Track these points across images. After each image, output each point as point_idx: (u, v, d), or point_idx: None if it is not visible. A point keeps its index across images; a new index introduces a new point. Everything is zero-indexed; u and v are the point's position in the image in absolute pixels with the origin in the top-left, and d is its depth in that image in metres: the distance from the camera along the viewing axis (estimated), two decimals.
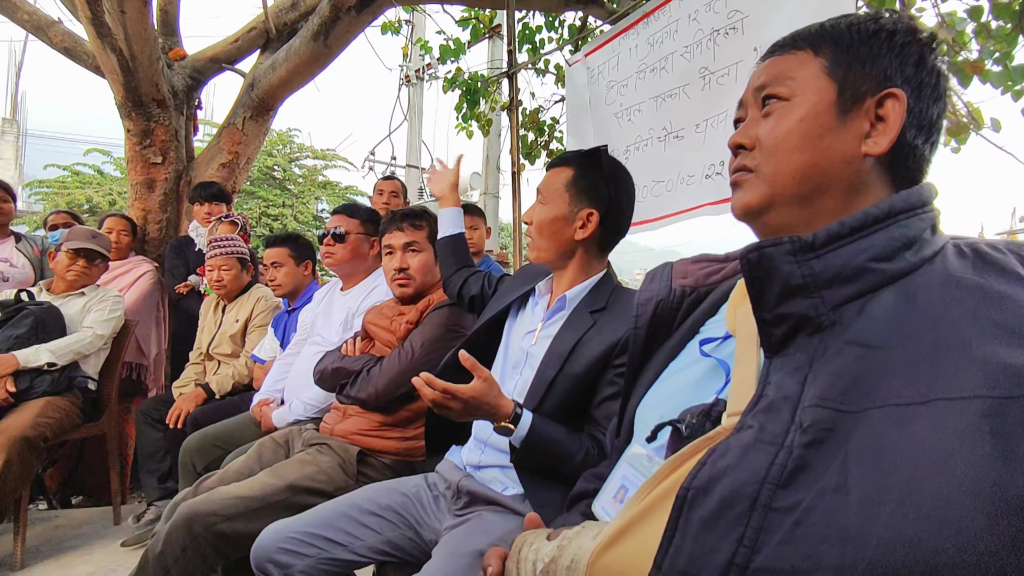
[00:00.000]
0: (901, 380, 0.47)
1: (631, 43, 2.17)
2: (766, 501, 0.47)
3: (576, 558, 0.58)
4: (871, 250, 0.55)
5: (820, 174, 0.63)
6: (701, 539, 0.49)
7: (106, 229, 3.15)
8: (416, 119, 11.06)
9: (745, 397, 0.56)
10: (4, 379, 2.28)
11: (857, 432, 0.47)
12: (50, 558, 2.35)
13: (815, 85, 0.65)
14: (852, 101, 0.63)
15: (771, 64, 0.70)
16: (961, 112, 2.82)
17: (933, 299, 0.51)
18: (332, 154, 17.07)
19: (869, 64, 0.63)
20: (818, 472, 0.47)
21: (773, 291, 0.56)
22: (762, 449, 0.50)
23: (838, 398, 0.49)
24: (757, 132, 0.68)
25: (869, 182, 0.63)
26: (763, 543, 0.46)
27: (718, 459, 0.51)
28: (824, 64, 0.65)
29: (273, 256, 2.52)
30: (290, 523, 1.31)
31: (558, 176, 1.32)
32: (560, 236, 1.30)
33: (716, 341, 0.71)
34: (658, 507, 0.55)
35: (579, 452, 1.17)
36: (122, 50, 3.09)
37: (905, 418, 0.45)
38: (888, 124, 0.62)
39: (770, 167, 0.66)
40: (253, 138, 3.82)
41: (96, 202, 13.48)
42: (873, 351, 0.50)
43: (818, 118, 0.64)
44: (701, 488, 0.50)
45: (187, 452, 2.07)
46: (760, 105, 0.70)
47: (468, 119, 4.43)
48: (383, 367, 1.63)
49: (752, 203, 0.68)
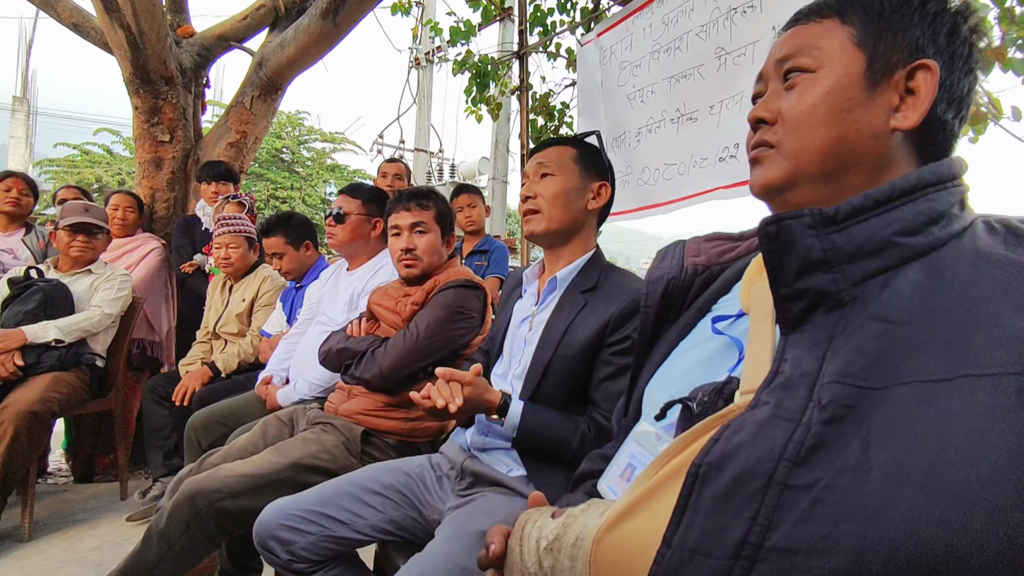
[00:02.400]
0: (927, 356, 0.46)
1: (645, 22, 2.13)
2: (782, 479, 0.46)
3: (581, 535, 0.56)
4: (896, 224, 0.53)
5: (846, 150, 0.61)
6: (713, 516, 0.47)
7: (112, 206, 3.15)
8: (425, 102, 10.99)
9: (759, 375, 0.54)
10: (12, 353, 2.30)
11: (880, 409, 0.45)
12: (57, 531, 2.38)
13: (843, 56, 0.62)
14: (882, 73, 0.60)
15: (795, 33, 0.67)
16: (981, 100, 2.75)
17: (962, 275, 0.49)
18: (341, 137, 17.06)
19: (900, 34, 0.60)
20: (837, 450, 0.45)
21: (792, 265, 0.54)
22: (778, 425, 0.48)
23: (860, 374, 0.47)
24: (779, 105, 0.65)
25: (896, 158, 0.60)
26: (778, 521, 0.45)
27: (732, 435, 0.50)
28: (853, 33, 0.62)
29: (271, 247, 2.51)
30: (293, 500, 1.31)
31: (563, 152, 1.33)
32: (574, 206, 1.31)
33: (729, 319, 0.69)
34: (668, 485, 0.53)
35: (574, 437, 1.17)
36: (130, 26, 3.06)
37: (932, 395, 0.44)
38: (919, 97, 0.59)
39: (793, 143, 0.63)
40: (261, 118, 3.80)
41: (105, 181, 13.56)
42: (897, 327, 0.49)
43: (846, 91, 0.61)
44: (714, 464, 0.49)
45: (192, 429, 2.08)
46: (782, 77, 0.66)
47: (477, 103, 4.37)
48: (388, 348, 1.61)
49: (773, 180, 0.65)
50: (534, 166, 1.35)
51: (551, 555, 0.58)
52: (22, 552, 2.19)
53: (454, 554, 1.10)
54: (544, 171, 1.32)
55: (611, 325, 1.20)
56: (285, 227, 2.54)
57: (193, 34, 3.77)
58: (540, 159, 1.34)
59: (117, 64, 3.35)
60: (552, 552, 0.58)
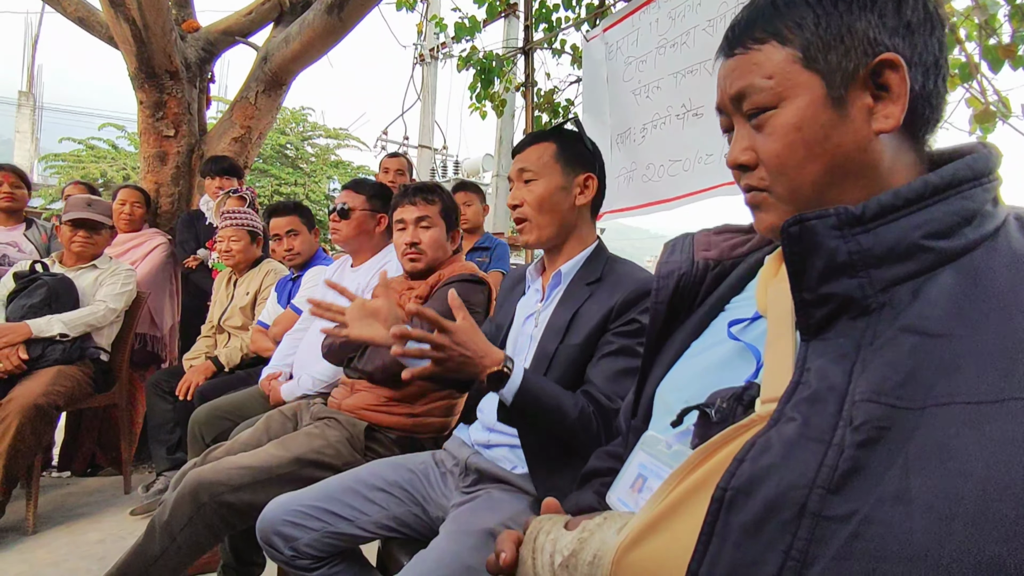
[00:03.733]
0: (969, 375, 0.42)
1: (651, 17, 2.11)
2: (816, 508, 0.43)
3: (599, 554, 0.54)
4: (928, 225, 0.49)
5: (839, 174, 0.58)
6: (744, 548, 0.44)
7: (120, 200, 3.15)
8: (429, 99, 10.99)
9: (781, 382, 0.51)
10: (17, 347, 2.30)
11: (919, 433, 0.42)
12: (61, 524, 2.38)
13: (798, 81, 0.57)
14: (845, 85, 0.56)
15: (738, 66, 0.62)
16: (991, 98, 2.72)
17: (999, 281, 0.46)
18: (345, 133, 17.07)
19: (847, 36, 0.56)
20: (875, 477, 0.42)
21: (815, 268, 0.51)
22: (808, 447, 0.45)
23: (894, 392, 0.44)
24: (754, 147, 0.62)
25: (891, 156, 0.57)
26: (815, 556, 0.42)
27: (759, 455, 0.46)
28: (796, 55, 0.58)
29: (288, 224, 2.51)
30: (296, 496, 1.31)
31: (542, 151, 1.30)
32: (561, 207, 1.29)
33: (745, 322, 0.66)
34: (689, 502, 0.50)
35: (574, 408, 1.13)
36: (135, 20, 3.06)
37: (977, 419, 0.40)
38: (894, 93, 0.55)
39: (784, 186, 0.60)
40: (266, 112, 3.79)
41: (110, 176, 13.60)
42: (932, 340, 0.45)
43: (815, 119, 0.57)
44: (741, 489, 0.45)
45: (196, 423, 2.08)
46: (745, 116, 0.63)
47: (482, 99, 4.37)
48: None
49: (778, 224, 0.62)
50: (516, 171, 1.32)
51: (567, 572, 0.55)
52: (26, 545, 2.20)
53: (458, 552, 1.09)
54: (526, 176, 1.30)
55: (615, 311, 1.19)
56: (300, 210, 2.57)
57: (198, 29, 3.76)
58: (521, 163, 1.31)
59: (122, 59, 3.35)
60: (568, 570, 0.55)
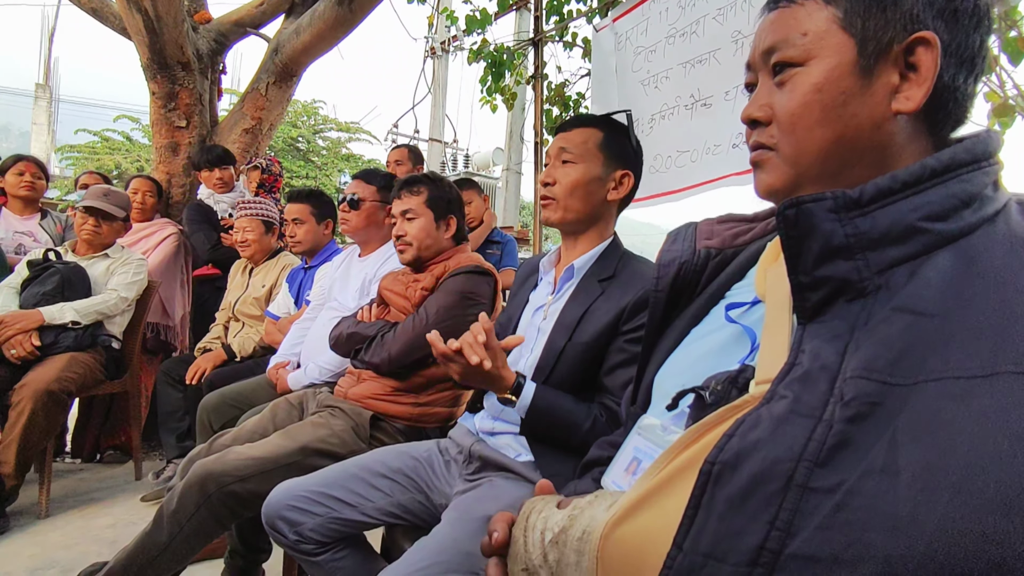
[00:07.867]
0: (960, 350, 0.42)
1: (661, 6, 2.09)
2: (802, 480, 0.43)
3: (588, 529, 0.54)
4: (925, 208, 0.49)
5: (847, 147, 0.57)
6: (728, 519, 0.44)
7: (132, 190, 3.17)
8: (440, 92, 10.98)
9: (776, 365, 0.51)
10: (30, 334, 2.34)
11: (908, 407, 0.42)
12: (73, 509, 2.42)
13: (831, 43, 0.57)
14: (876, 56, 0.55)
15: (777, 19, 0.61)
16: (1009, 92, 2.67)
17: (996, 262, 0.46)
18: (356, 127, 17.11)
19: (891, 7, 0.55)
20: (862, 450, 0.42)
21: (812, 252, 0.51)
22: (797, 422, 0.45)
23: (886, 369, 0.44)
24: (772, 104, 0.62)
25: (903, 141, 0.56)
26: (799, 527, 0.42)
27: (747, 431, 0.47)
28: (837, 15, 0.57)
29: (294, 212, 2.51)
30: (301, 482, 1.32)
31: (588, 136, 1.28)
32: (593, 197, 1.28)
33: (743, 306, 0.66)
34: (678, 479, 0.51)
35: (586, 420, 1.15)
36: (147, 11, 3.08)
37: (966, 393, 0.40)
38: (920, 74, 0.54)
39: (791, 146, 0.60)
40: (276, 104, 3.80)
41: (124, 168, 13.73)
42: (926, 319, 0.45)
43: (838, 83, 0.56)
44: (728, 463, 0.46)
45: (204, 410, 2.10)
46: (771, 71, 0.62)
47: (492, 92, 4.35)
48: (397, 333, 1.62)
49: (776, 185, 0.62)
50: (556, 149, 1.30)
51: (556, 548, 0.56)
52: (39, 528, 2.24)
53: (459, 538, 1.10)
54: (565, 157, 1.28)
55: (627, 313, 1.18)
56: (315, 200, 2.56)
57: (210, 20, 3.78)
58: (563, 143, 1.29)
59: (135, 50, 3.37)
60: (558, 545, 0.56)
